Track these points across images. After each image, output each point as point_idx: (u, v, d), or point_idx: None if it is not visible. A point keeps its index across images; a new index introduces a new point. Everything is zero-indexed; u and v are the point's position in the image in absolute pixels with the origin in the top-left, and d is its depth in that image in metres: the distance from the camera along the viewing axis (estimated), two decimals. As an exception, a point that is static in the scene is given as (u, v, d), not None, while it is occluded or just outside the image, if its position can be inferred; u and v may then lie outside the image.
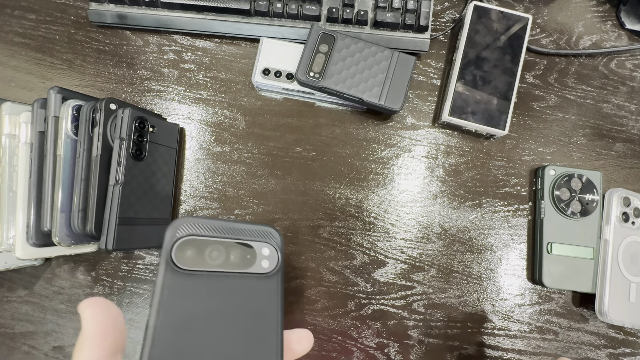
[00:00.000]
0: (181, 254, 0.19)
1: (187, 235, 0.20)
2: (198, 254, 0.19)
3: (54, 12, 0.47)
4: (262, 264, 0.21)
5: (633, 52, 0.48)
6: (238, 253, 0.20)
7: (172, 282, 0.18)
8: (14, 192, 0.39)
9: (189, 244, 0.20)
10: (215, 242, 0.20)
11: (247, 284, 0.20)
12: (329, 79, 0.42)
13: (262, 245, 0.21)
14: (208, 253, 0.20)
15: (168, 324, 0.18)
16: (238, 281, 0.20)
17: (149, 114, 0.41)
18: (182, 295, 0.18)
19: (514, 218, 0.45)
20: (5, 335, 0.43)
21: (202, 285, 0.19)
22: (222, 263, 0.20)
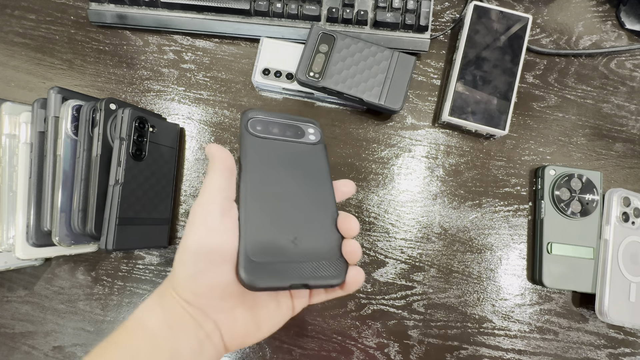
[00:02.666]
0: (254, 126, 0.28)
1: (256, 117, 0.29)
2: (265, 128, 0.28)
3: (54, 12, 0.47)
4: (310, 137, 0.30)
5: (633, 52, 0.48)
6: (292, 130, 0.30)
7: (251, 141, 0.27)
8: (14, 192, 0.39)
9: (257, 122, 0.28)
10: (275, 121, 0.29)
11: (302, 148, 0.29)
12: (329, 79, 0.42)
13: (308, 126, 0.30)
14: (271, 128, 0.29)
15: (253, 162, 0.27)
16: (295, 145, 0.29)
17: (149, 114, 0.41)
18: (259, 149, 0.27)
19: (514, 218, 0.45)
20: (5, 335, 0.43)
21: (271, 145, 0.28)
22: (282, 135, 0.29)
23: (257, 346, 0.43)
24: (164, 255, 0.45)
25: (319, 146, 0.30)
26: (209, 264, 0.22)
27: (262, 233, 0.24)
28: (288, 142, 0.29)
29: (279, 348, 0.43)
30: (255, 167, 0.27)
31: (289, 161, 0.28)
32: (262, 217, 0.25)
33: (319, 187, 0.28)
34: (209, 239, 0.23)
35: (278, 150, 0.28)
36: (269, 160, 0.27)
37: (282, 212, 0.26)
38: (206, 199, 0.24)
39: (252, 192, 0.25)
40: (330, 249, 0.26)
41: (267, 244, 0.24)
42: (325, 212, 0.27)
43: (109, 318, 0.44)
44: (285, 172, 0.27)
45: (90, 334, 0.43)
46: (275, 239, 0.25)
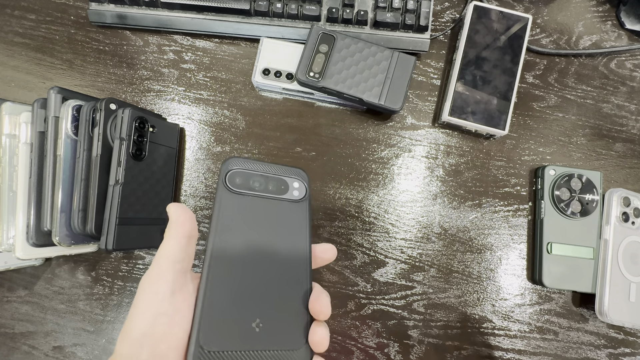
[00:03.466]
0: (232, 180, 0.26)
1: (236, 168, 0.26)
2: (244, 182, 0.26)
3: (54, 12, 0.47)
4: (294, 193, 0.27)
5: (633, 52, 0.48)
6: (275, 184, 0.27)
7: (226, 199, 0.25)
8: (14, 192, 0.39)
9: (237, 174, 0.26)
10: (257, 174, 0.26)
11: (283, 206, 0.26)
12: (329, 79, 0.42)
13: (293, 179, 0.27)
14: (252, 182, 0.26)
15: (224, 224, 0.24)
16: (276, 203, 0.26)
17: (149, 114, 0.41)
18: (234, 207, 0.25)
19: (514, 218, 0.45)
20: (5, 335, 0.43)
21: (248, 202, 0.25)
22: (263, 190, 0.26)
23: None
24: (164, 255, 0.45)
25: (302, 204, 0.27)
26: (153, 355, 0.20)
27: (220, 316, 0.21)
28: (268, 200, 0.26)
29: (279, 348, 0.43)
30: (225, 229, 0.24)
31: (266, 223, 0.25)
32: (223, 294, 0.22)
33: (295, 255, 0.25)
34: (154, 325, 0.20)
35: (255, 210, 0.25)
36: (244, 221, 0.25)
37: (247, 287, 0.23)
38: (156, 274, 0.22)
39: (216, 263, 0.23)
40: (296, 335, 0.23)
41: (225, 328, 0.21)
42: (297, 288, 0.24)
43: (109, 318, 0.44)
44: (260, 237, 0.25)
45: (90, 334, 0.43)
46: (235, 322, 0.22)
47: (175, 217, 0.23)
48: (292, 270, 0.25)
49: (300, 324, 0.23)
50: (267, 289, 0.23)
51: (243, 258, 0.24)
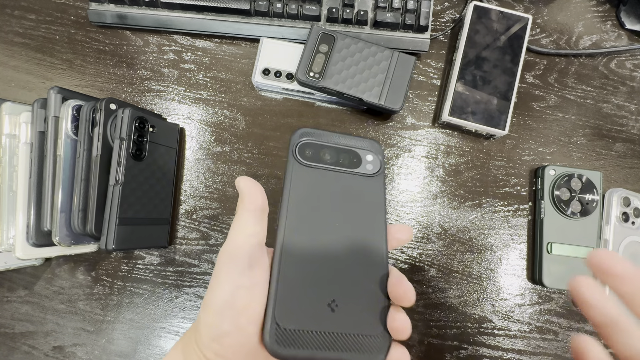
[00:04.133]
0: (302, 152, 0.25)
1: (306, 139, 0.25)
2: (315, 154, 0.25)
3: (54, 12, 0.47)
4: (367, 167, 0.25)
5: (633, 52, 0.48)
6: (347, 157, 0.25)
7: (297, 171, 0.24)
8: (14, 192, 0.39)
9: (308, 146, 0.25)
10: (328, 146, 0.25)
11: (356, 181, 0.25)
12: (329, 79, 0.42)
13: (366, 152, 0.26)
14: (323, 154, 0.25)
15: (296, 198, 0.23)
16: (348, 177, 0.25)
17: (149, 114, 0.41)
18: (304, 182, 0.24)
19: (514, 218, 0.45)
20: (5, 335, 0.43)
21: (320, 176, 0.24)
22: (334, 163, 0.25)
23: (257, 346, 0.43)
24: (164, 255, 0.45)
25: (377, 179, 0.25)
26: (234, 326, 0.20)
27: (295, 293, 0.21)
28: (340, 173, 0.25)
29: (279, 348, 0.43)
30: (297, 205, 0.23)
31: (339, 199, 0.24)
32: (298, 272, 0.21)
33: (370, 234, 0.24)
34: (235, 297, 0.20)
35: (327, 184, 0.24)
36: (316, 196, 0.24)
37: (322, 266, 0.22)
38: (234, 247, 0.22)
39: (290, 238, 0.22)
40: (373, 319, 0.22)
41: (299, 307, 0.21)
42: (374, 269, 0.23)
43: (109, 318, 0.44)
44: (333, 213, 0.23)
45: (90, 334, 0.43)
46: (309, 301, 0.21)
47: (247, 190, 0.23)
48: (368, 250, 0.23)
49: (378, 307, 0.22)
50: (343, 268, 0.22)
51: (317, 234, 0.23)
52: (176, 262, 0.44)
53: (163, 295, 0.44)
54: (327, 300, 0.21)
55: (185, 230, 0.45)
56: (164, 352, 0.43)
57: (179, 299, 0.44)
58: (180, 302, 0.44)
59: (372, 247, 0.23)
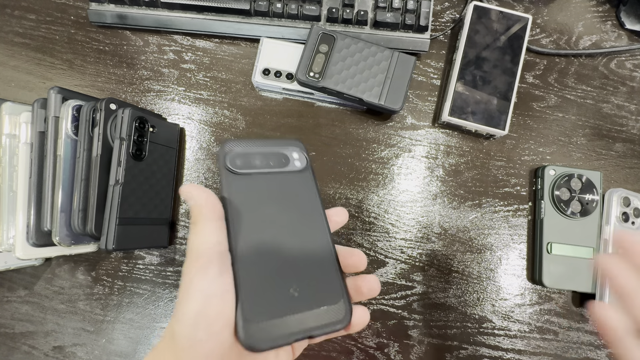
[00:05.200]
0: (233, 162, 0.25)
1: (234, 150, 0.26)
2: (245, 162, 0.26)
3: (54, 12, 0.47)
4: (295, 164, 0.27)
5: (633, 52, 0.48)
6: (275, 158, 0.27)
7: (232, 181, 0.25)
8: (14, 192, 0.39)
9: (237, 156, 0.26)
10: (256, 152, 0.26)
11: (288, 178, 0.26)
12: (329, 79, 0.42)
13: (291, 150, 0.27)
14: (253, 160, 0.26)
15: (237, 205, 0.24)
16: (281, 176, 0.26)
17: (149, 114, 0.41)
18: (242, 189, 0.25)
19: (514, 218, 0.45)
20: (5, 335, 0.43)
21: (254, 181, 0.25)
22: (265, 166, 0.26)
23: (257, 346, 0.43)
24: (164, 255, 0.45)
25: (305, 173, 0.27)
26: (209, 334, 0.21)
27: (257, 289, 0.22)
28: (273, 175, 0.26)
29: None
30: (241, 211, 0.24)
31: (277, 197, 0.26)
32: (255, 270, 0.23)
33: (312, 222, 0.26)
34: (207, 306, 0.21)
35: (263, 186, 0.26)
36: (255, 200, 0.25)
37: (276, 259, 0.24)
38: (202, 259, 0.22)
39: (242, 243, 0.23)
40: (333, 291, 0.24)
41: (265, 299, 0.22)
42: (322, 250, 0.25)
43: (109, 318, 0.44)
44: (275, 211, 0.25)
45: (90, 334, 0.43)
46: (273, 292, 0.23)
47: (204, 200, 0.23)
48: (313, 235, 0.25)
49: (334, 280, 0.24)
50: (295, 256, 0.24)
51: (265, 233, 0.24)
52: (176, 262, 0.44)
53: (163, 295, 0.44)
54: (287, 288, 0.23)
55: (185, 230, 0.45)
56: (164, 352, 0.43)
57: (179, 299, 0.44)
58: (180, 302, 0.44)
59: (316, 232, 0.25)
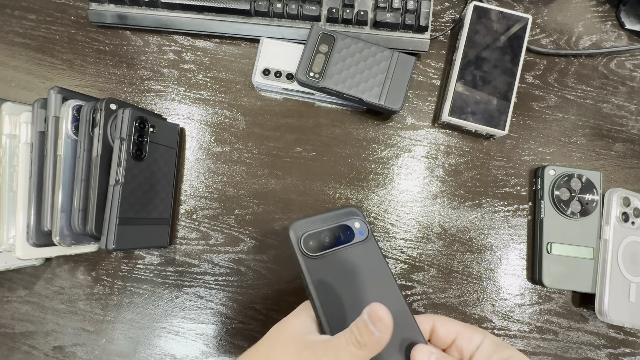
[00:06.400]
0: (307, 245, 0.28)
1: (304, 232, 0.28)
2: (316, 242, 0.28)
3: (54, 13, 0.48)
4: (360, 234, 0.29)
5: (633, 52, 0.48)
6: (341, 231, 0.29)
7: (309, 264, 0.28)
8: (14, 192, 0.39)
9: (308, 238, 0.28)
10: (324, 230, 0.29)
11: (357, 251, 0.29)
12: (329, 79, 0.42)
13: (353, 220, 0.29)
14: (322, 239, 0.28)
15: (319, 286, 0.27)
16: (350, 250, 0.29)
17: (149, 114, 0.41)
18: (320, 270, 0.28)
19: (513, 218, 0.45)
20: (5, 335, 0.43)
21: (329, 260, 0.28)
22: (335, 242, 0.29)
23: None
24: (164, 255, 0.45)
25: (370, 242, 0.29)
26: None
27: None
28: (343, 250, 0.29)
29: (279, 348, 0.43)
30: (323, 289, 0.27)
31: (351, 270, 0.28)
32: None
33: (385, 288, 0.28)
34: None
35: (338, 263, 0.28)
36: (333, 276, 0.28)
37: None
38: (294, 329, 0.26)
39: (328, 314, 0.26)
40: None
41: None
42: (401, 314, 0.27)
43: (109, 318, 0.44)
44: (352, 284, 0.28)
45: (90, 334, 0.43)
46: None
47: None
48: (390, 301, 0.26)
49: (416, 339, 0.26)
50: None
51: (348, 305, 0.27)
52: (176, 262, 0.44)
53: (163, 295, 0.44)
54: None
55: (186, 230, 0.45)
56: (164, 352, 0.43)
57: (179, 298, 0.44)
58: (180, 302, 0.44)
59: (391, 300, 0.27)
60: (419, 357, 0.25)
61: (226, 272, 0.44)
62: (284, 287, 0.44)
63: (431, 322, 0.28)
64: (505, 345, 0.26)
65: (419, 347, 0.26)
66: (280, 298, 0.44)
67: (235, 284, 0.44)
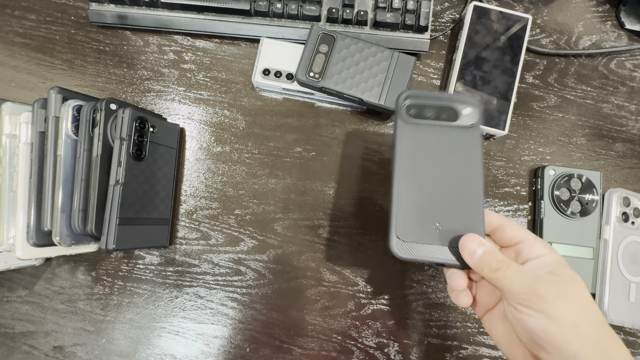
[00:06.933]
0: (408, 111, 0.30)
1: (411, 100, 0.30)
2: (419, 112, 0.30)
3: (54, 13, 0.48)
4: (465, 120, 0.30)
5: (633, 52, 0.48)
6: (447, 112, 0.30)
7: (404, 128, 0.30)
8: (14, 192, 0.39)
9: (412, 106, 0.30)
10: (431, 104, 0.30)
11: (456, 133, 0.30)
12: (329, 79, 0.42)
13: (464, 106, 0.30)
14: (426, 111, 0.30)
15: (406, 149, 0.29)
16: (449, 130, 0.30)
17: (149, 114, 0.41)
18: (411, 136, 0.30)
19: (514, 218, 0.45)
20: (6, 335, 0.43)
21: (424, 130, 0.30)
22: (436, 117, 0.30)
23: (257, 346, 0.43)
24: (164, 255, 0.45)
25: (474, 130, 0.30)
26: None
27: (409, 217, 0.28)
28: (442, 127, 0.30)
29: (279, 348, 0.43)
30: (408, 154, 0.29)
31: (442, 148, 0.29)
32: (411, 201, 0.29)
33: (469, 175, 0.29)
34: None
35: (431, 136, 0.29)
36: (422, 147, 0.29)
37: (429, 199, 0.29)
38: None
39: (403, 179, 0.29)
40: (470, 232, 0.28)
41: (413, 226, 0.28)
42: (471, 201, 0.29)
43: (109, 318, 0.44)
44: (437, 159, 0.29)
45: (90, 334, 0.43)
46: (420, 223, 0.28)
47: None
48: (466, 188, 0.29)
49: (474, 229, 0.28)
50: (445, 201, 0.29)
51: (425, 175, 0.29)
52: (176, 262, 0.44)
53: (163, 295, 0.44)
54: (432, 223, 0.28)
55: (186, 230, 0.45)
56: (164, 352, 0.43)
57: (179, 298, 0.44)
58: (180, 302, 0.44)
59: (470, 185, 0.29)
60: (467, 244, 0.27)
61: (226, 272, 0.44)
62: (284, 287, 0.44)
63: (501, 222, 0.29)
64: (565, 265, 0.26)
65: (470, 236, 0.27)
66: (280, 298, 0.44)
67: (235, 284, 0.44)
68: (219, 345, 0.43)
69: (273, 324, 0.44)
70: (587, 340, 0.23)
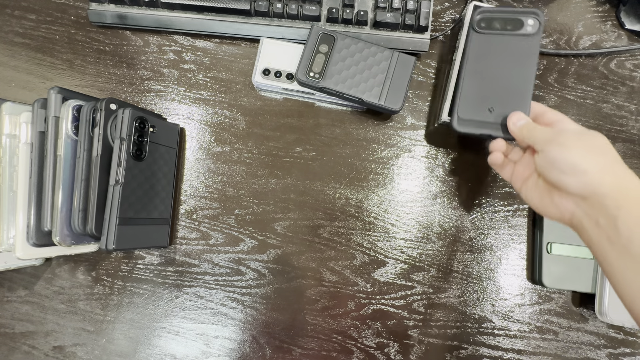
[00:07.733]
0: (479, 24, 0.38)
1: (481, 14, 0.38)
2: (488, 24, 0.38)
3: (54, 13, 0.48)
4: (527, 29, 0.37)
5: (633, 52, 0.48)
6: (513, 23, 0.37)
7: (473, 37, 0.38)
8: (14, 192, 0.39)
9: (482, 19, 0.38)
10: (498, 16, 0.38)
11: (517, 40, 0.37)
12: (329, 79, 0.42)
13: (528, 16, 0.37)
14: (495, 23, 0.37)
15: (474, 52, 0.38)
16: (512, 38, 0.37)
17: (149, 114, 0.41)
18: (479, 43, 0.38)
19: (513, 218, 0.45)
20: (5, 335, 0.43)
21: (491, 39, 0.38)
22: (502, 28, 0.37)
23: (257, 346, 0.43)
24: (164, 255, 0.45)
25: (534, 38, 0.36)
26: None
27: (470, 101, 0.37)
28: (507, 36, 0.37)
29: (279, 348, 0.43)
30: (474, 56, 0.38)
31: (504, 52, 0.37)
32: (473, 90, 0.37)
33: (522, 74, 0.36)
34: None
35: (497, 43, 0.37)
36: (488, 51, 0.37)
37: (486, 90, 0.37)
38: None
39: (469, 74, 0.37)
40: None
41: (472, 108, 0.37)
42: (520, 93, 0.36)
43: (109, 318, 0.44)
44: (499, 61, 0.37)
45: (90, 334, 0.43)
46: (478, 106, 0.37)
47: None
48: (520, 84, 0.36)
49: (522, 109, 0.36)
50: (499, 91, 0.37)
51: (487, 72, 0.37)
52: (176, 262, 0.44)
53: (163, 295, 0.44)
54: (487, 107, 0.37)
55: (186, 230, 0.45)
56: (164, 352, 0.43)
57: (179, 298, 0.44)
58: (180, 302, 0.44)
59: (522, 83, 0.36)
60: (512, 116, 0.35)
61: (226, 272, 0.44)
62: (284, 287, 0.44)
63: (544, 109, 0.35)
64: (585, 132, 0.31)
65: (516, 112, 0.35)
66: (280, 298, 0.44)
67: (235, 284, 0.44)
68: (219, 345, 0.43)
69: (273, 324, 0.44)
70: (597, 162, 0.29)
